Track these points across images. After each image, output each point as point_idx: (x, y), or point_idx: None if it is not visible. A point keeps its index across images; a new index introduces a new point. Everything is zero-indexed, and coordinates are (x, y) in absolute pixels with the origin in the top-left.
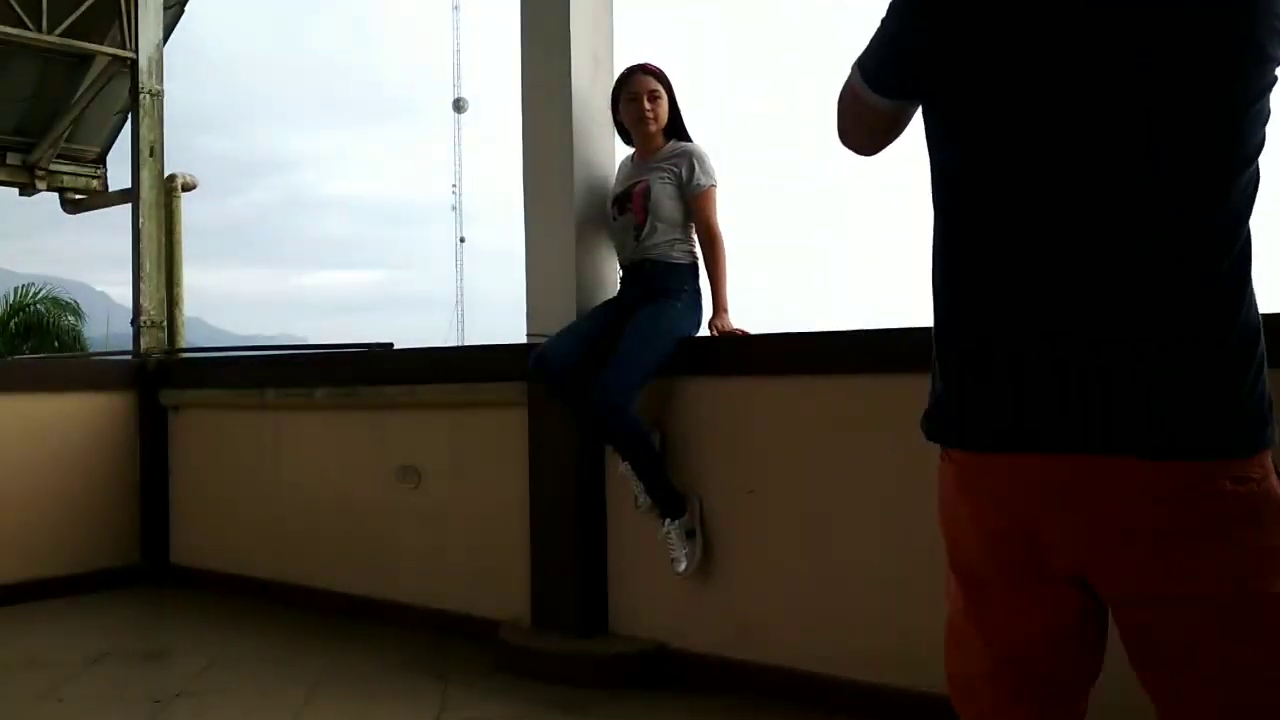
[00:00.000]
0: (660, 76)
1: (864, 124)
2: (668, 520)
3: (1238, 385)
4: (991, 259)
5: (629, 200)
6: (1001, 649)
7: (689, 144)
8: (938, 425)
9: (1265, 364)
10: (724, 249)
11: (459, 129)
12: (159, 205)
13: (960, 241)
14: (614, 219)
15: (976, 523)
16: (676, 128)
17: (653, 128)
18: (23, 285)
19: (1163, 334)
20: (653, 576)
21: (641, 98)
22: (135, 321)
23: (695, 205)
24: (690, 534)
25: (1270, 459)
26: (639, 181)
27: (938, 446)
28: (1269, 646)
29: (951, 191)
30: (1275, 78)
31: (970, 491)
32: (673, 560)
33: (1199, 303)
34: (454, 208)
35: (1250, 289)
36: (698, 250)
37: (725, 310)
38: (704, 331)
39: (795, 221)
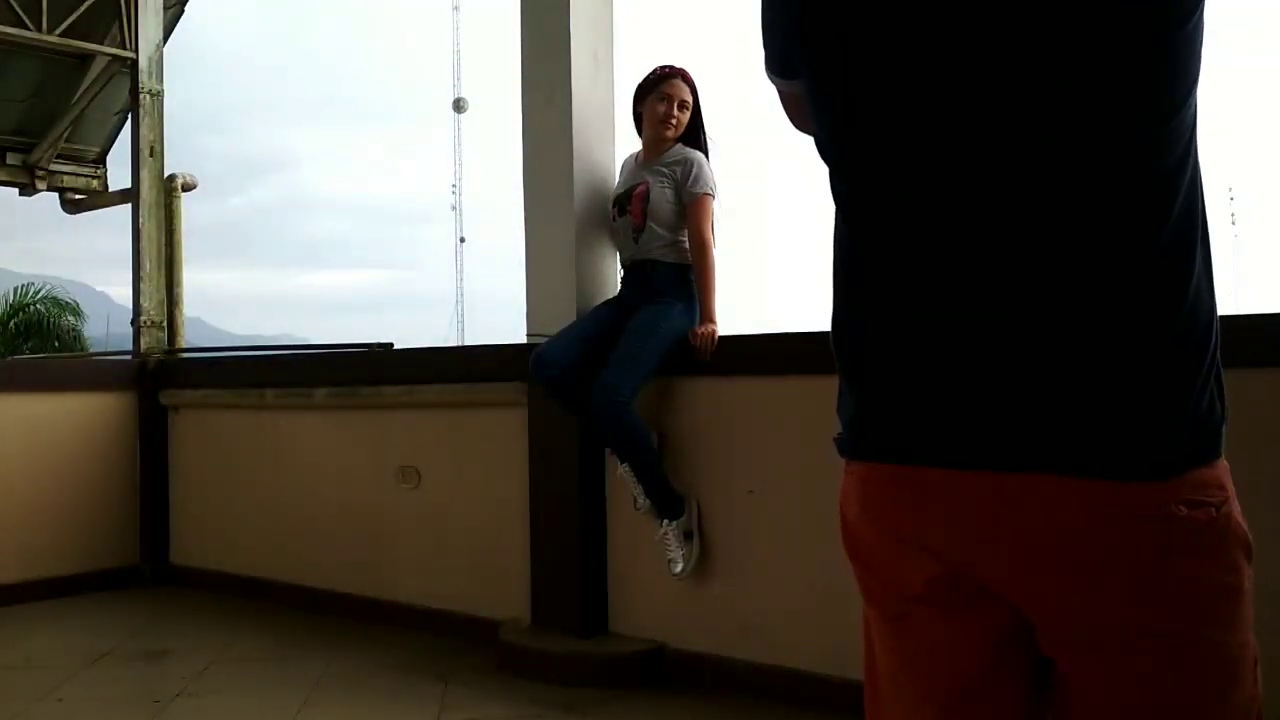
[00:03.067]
0: (695, 89)
1: (788, 108)
2: (666, 521)
3: (1185, 387)
4: (894, 251)
5: (629, 202)
6: (945, 687)
7: (692, 150)
8: (851, 439)
9: (1218, 360)
10: (712, 259)
11: (459, 129)
12: (159, 205)
13: (859, 235)
14: (614, 219)
15: (896, 544)
16: (694, 138)
17: (671, 134)
18: (23, 285)
19: (1088, 326)
20: (653, 577)
21: (673, 102)
22: (135, 321)
23: (688, 212)
24: (688, 535)
25: (1228, 476)
26: (640, 184)
27: None
28: (1209, 700)
29: (842, 180)
30: None
31: (889, 501)
32: (669, 561)
33: (1131, 289)
34: (454, 208)
35: (1197, 269)
36: None
37: (712, 321)
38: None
39: (794, 220)
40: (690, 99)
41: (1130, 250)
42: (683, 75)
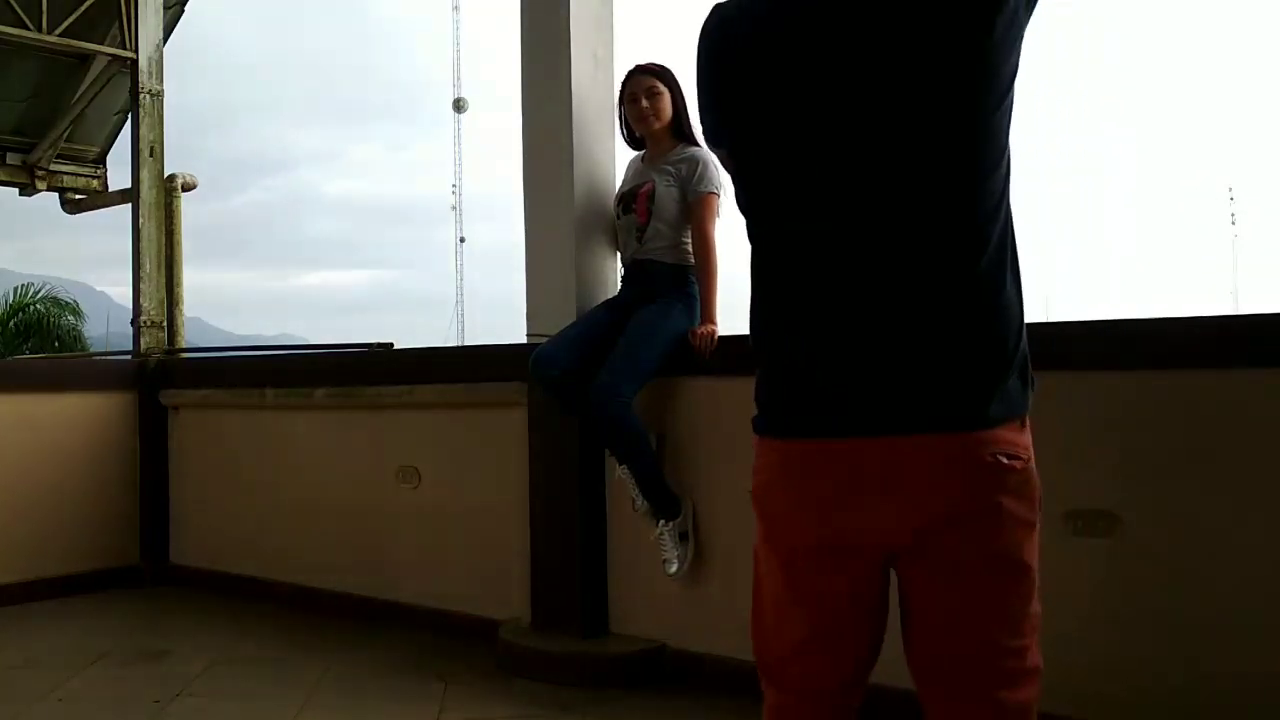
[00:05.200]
0: (659, 73)
1: (727, 168)
2: (662, 522)
3: (1001, 369)
4: (790, 275)
5: (634, 200)
6: (820, 617)
7: (698, 149)
8: (762, 420)
9: (1025, 351)
10: (715, 258)
11: (459, 129)
12: (159, 205)
13: (766, 263)
14: (618, 218)
15: (798, 506)
16: (683, 126)
17: (655, 125)
18: (23, 285)
19: (932, 331)
20: (653, 577)
21: (640, 97)
22: (135, 321)
23: (693, 210)
24: (683, 536)
25: (1031, 442)
26: (645, 182)
27: None
28: (1017, 605)
29: (748, 220)
30: (1014, 71)
31: (791, 477)
32: (664, 561)
33: (963, 304)
34: (454, 208)
35: (1009, 285)
36: None
37: (713, 322)
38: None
39: None
40: (659, 83)
41: (959, 275)
42: (641, 68)
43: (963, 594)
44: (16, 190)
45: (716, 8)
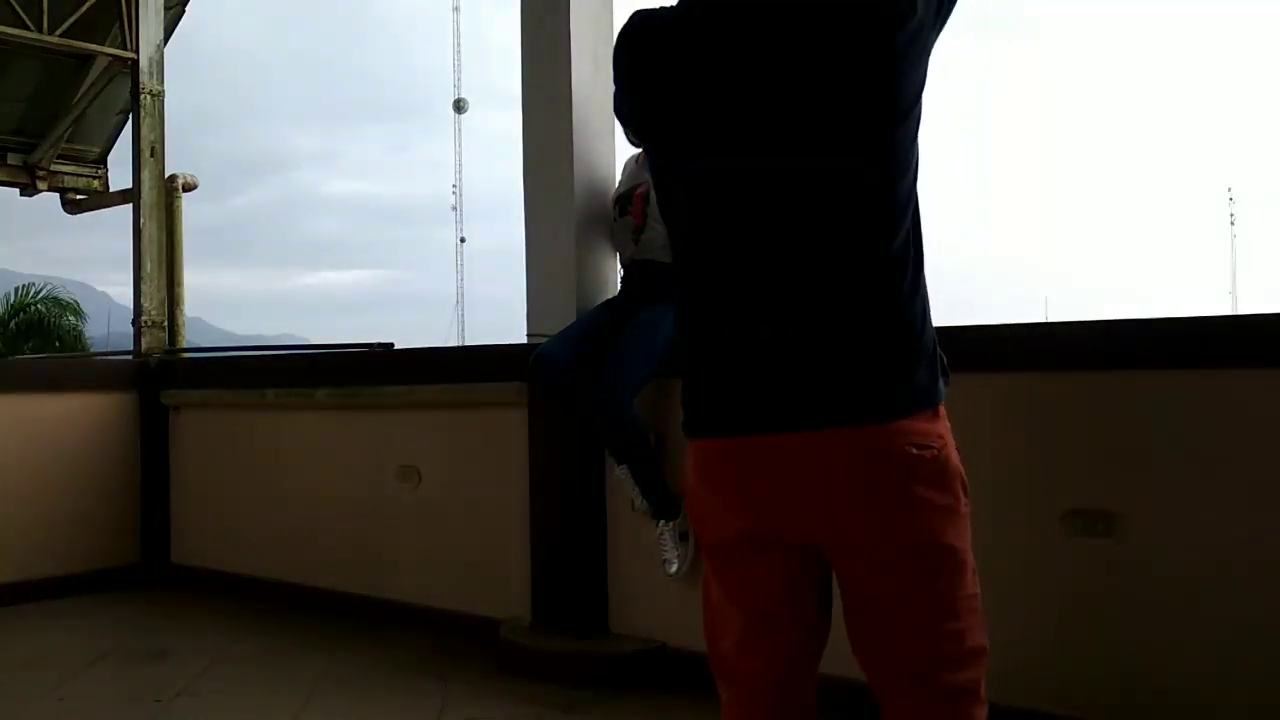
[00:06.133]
0: None
1: None
2: (662, 522)
3: (908, 366)
4: (704, 285)
5: (629, 202)
6: (751, 609)
7: None
8: (685, 421)
9: (937, 351)
10: None
11: (459, 129)
12: (160, 205)
13: (681, 268)
14: (614, 219)
15: (719, 502)
16: None
17: None
18: (24, 285)
19: (837, 331)
20: (653, 576)
21: None
22: (136, 321)
23: None
24: (683, 536)
25: (948, 431)
26: (641, 184)
27: None
28: (947, 588)
29: (667, 226)
30: (921, 83)
31: (711, 475)
32: (664, 561)
33: (865, 304)
34: (454, 208)
35: (911, 277)
36: None
37: None
38: None
39: None
40: None
41: (864, 274)
42: None
43: (891, 583)
44: (17, 190)
45: (636, 13)
